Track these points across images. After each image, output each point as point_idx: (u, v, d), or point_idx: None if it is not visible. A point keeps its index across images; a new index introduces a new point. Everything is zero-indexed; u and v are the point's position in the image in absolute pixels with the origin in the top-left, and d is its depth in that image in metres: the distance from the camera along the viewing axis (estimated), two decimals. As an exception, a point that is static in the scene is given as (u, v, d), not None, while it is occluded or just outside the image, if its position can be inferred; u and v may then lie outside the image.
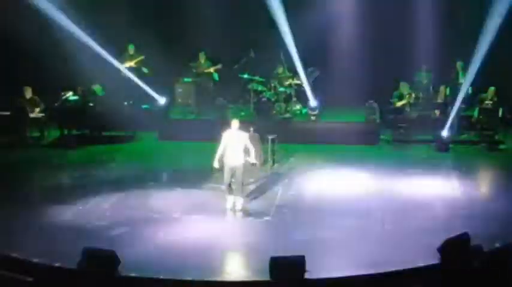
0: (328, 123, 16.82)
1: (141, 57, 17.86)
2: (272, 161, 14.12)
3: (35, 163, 14.19)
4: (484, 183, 13.06)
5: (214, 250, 9.78)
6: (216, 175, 11.99)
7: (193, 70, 17.98)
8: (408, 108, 16.42)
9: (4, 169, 13.69)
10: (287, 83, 17.22)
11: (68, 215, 10.95)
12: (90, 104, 16.69)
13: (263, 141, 13.96)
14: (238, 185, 11.13)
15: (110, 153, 15.25)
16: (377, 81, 16.88)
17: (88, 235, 9.84)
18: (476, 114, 16.29)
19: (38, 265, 8.74)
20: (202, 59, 17.98)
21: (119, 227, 10.35)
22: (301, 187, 12.79)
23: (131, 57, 17.88)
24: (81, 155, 15.01)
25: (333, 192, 12.38)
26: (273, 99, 16.96)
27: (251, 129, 13.79)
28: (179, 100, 17.87)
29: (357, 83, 17.33)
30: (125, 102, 17.50)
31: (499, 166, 14.23)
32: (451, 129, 15.67)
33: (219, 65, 17.86)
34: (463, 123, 16.42)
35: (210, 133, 12.75)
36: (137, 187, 12.65)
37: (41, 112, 16.27)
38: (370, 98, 16.66)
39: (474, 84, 16.46)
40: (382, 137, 16.47)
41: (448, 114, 15.92)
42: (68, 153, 15.18)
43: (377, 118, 16.65)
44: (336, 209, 11.35)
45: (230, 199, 11.20)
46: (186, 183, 12.81)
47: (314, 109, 16.94)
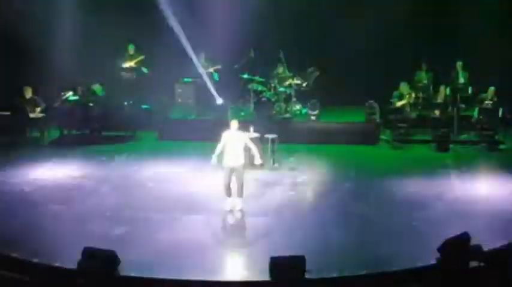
0: (328, 124, 16.81)
1: (141, 57, 17.84)
2: (272, 161, 14.12)
3: (35, 163, 14.17)
4: (484, 183, 13.03)
5: (214, 250, 9.79)
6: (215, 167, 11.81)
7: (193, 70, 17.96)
8: (408, 108, 16.40)
9: (4, 169, 13.68)
10: (287, 83, 17.21)
11: (68, 215, 10.96)
12: (90, 104, 16.68)
13: (263, 141, 13.96)
14: (239, 186, 11.09)
15: (110, 153, 15.23)
16: (377, 81, 16.86)
17: (88, 235, 9.84)
18: (476, 114, 16.28)
19: (38, 265, 8.74)
20: (202, 59, 17.96)
21: (119, 227, 10.36)
22: (301, 187, 12.79)
23: (131, 57, 17.87)
24: (81, 155, 15.00)
25: (333, 192, 12.39)
26: (273, 99, 16.93)
27: (251, 129, 13.81)
28: (179, 100, 17.85)
29: (357, 83, 17.32)
30: (125, 103, 17.49)
31: (499, 166, 14.22)
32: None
33: (218, 65, 17.85)
34: (463, 123, 16.42)
35: (210, 133, 12.73)
36: (137, 187, 12.65)
37: (41, 112, 16.26)
38: (370, 98, 16.66)
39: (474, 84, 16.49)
40: (382, 137, 16.47)
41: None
42: (68, 153, 15.17)
43: (377, 118, 16.64)
44: (336, 209, 11.36)
45: (229, 201, 11.14)
46: (185, 183, 12.82)
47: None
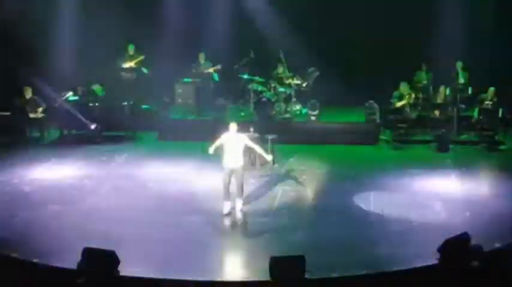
0: (328, 124, 16.81)
1: (141, 57, 17.84)
2: (272, 162, 14.11)
3: (35, 163, 14.17)
4: (484, 183, 13.04)
5: (214, 250, 9.79)
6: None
7: (193, 70, 17.97)
8: (408, 109, 16.40)
9: (4, 169, 13.68)
10: (287, 83, 17.20)
11: (68, 215, 10.96)
12: (90, 104, 16.68)
13: (263, 141, 13.95)
14: (239, 186, 11.05)
15: (110, 153, 15.23)
16: (377, 81, 16.86)
17: (88, 235, 9.84)
18: (476, 114, 16.27)
19: (38, 265, 8.74)
20: (202, 59, 17.97)
21: (118, 227, 10.35)
22: (301, 187, 12.79)
23: (131, 57, 17.87)
24: (81, 155, 15.00)
25: (333, 192, 12.39)
26: (273, 99, 16.94)
27: (251, 129, 13.81)
28: (179, 100, 17.85)
29: (357, 83, 17.32)
30: (125, 103, 17.48)
31: (499, 166, 14.21)
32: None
33: (218, 66, 17.85)
34: (463, 124, 16.42)
35: (210, 133, 12.73)
36: (137, 187, 12.65)
37: (42, 112, 16.26)
38: (370, 98, 16.66)
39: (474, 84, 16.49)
40: (382, 137, 16.47)
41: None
42: (68, 153, 15.16)
43: (377, 118, 16.64)
44: (336, 209, 11.36)
45: (227, 205, 11.00)
46: (185, 183, 12.82)
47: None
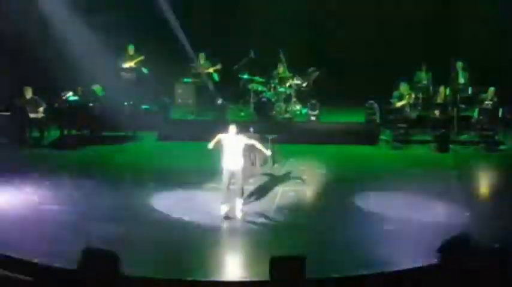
0: (328, 124, 16.80)
1: (141, 58, 17.83)
2: (272, 161, 14.11)
3: (35, 163, 14.16)
4: (484, 183, 13.04)
5: (214, 249, 9.79)
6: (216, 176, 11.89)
7: (193, 71, 17.97)
8: (408, 109, 16.39)
9: (4, 169, 13.67)
10: (287, 83, 17.20)
11: (68, 215, 10.96)
12: (90, 104, 16.68)
13: (263, 141, 13.94)
14: (239, 188, 11.00)
15: (110, 153, 15.22)
16: (377, 81, 16.86)
17: (88, 235, 9.83)
18: (476, 114, 16.27)
19: (38, 265, 8.74)
20: (202, 59, 17.97)
21: (119, 227, 10.35)
22: (301, 187, 12.79)
23: (131, 58, 17.86)
24: (81, 156, 14.99)
25: (333, 192, 12.39)
26: (273, 99, 16.93)
27: (251, 129, 13.80)
28: (179, 100, 17.84)
29: (357, 83, 17.32)
30: (125, 103, 17.47)
31: (499, 166, 14.21)
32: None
33: (218, 66, 17.84)
34: (463, 124, 16.42)
35: (210, 133, 12.71)
36: (137, 187, 12.65)
37: (42, 112, 16.24)
38: (370, 98, 16.66)
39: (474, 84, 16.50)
40: (382, 137, 16.46)
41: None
42: (68, 153, 15.16)
43: (377, 118, 16.64)
44: (335, 209, 11.36)
45: (225, 207, 10.92)
46: (186, 183, 12.81)
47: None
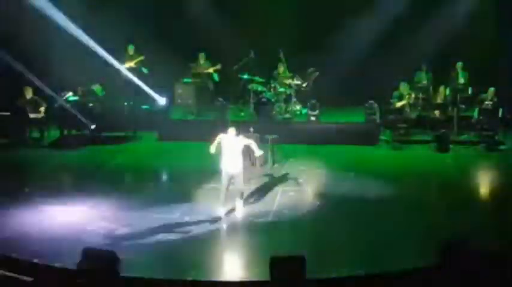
0: (328, 124, 16.80)
1: (141, 58, 17.83)
2: (272, 161, 14.12)
3: (35, 163, 14.17)
4: (484, 183, 13.04)
5: (214, 250, 9.80)
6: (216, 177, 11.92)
7: (192, 71, 17.98)
8: (408, 109, 16.40)
9: (4, 169, 13.68)
10: (287, 83, 17.19)
11: (68, 215, 10.96)
12: (90, 104, 16.68)
13: (263, 141, 13.95)
14: (239, 189, 11.00)
15: (110, 153, 15.23)
16: (377, 81, 16.86)
17: (88, 235, 9.84)
18: (476, 114, 16.27)
19: (38, 265, 8.74)
20: (202, 59, 17.97)
21: (119, 227, 10.36)
22: (301, 187, 12.79)
23: (131, 58, 17.86)
24: (81, 156, 15.00)
25: (333, 192, 12.39)
26: (273, 99, 16.93)
27: (251, 129, 13.80)
28: (179, 101, 17.85)
29: (357, 83, 17.31)
30: (125, 103, 17.49)
31: (499, 166, 14.21)
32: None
33: (218, 66, 17.84)
34: (463, 124, 16.42)
35: (210, 133, 12.72)
36: (137, 187, 12.66)
37: (43, 112, 16.25)
38: (370, 98, 16.66)
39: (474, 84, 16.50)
40: (382, 137, 16.46)
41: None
42: (68, 153, 15.17)
43: (377, 118, 16.64)
44: (336, 209, 11.36)
45: (222, 210, 10.88)
46: (186, 183, 12.82)
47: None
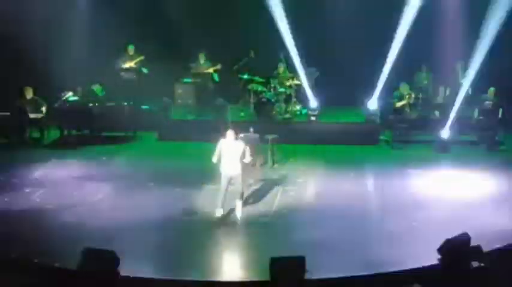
0: (328, 124, 16.81)
1: (141, 58, 17.83)
2: (272, 162, 14.11)
3: (35, 163, 14.16)
4: (484, 183, 13.03)
5: (214, 250, 9.80)
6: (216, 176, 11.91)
7: (192, 71, 17.98)
8: (408, 109, 16.41)
9: (4, 169, 13.68)
10: (287, 83, 17.19)
11: (68, 215, 10.96)
12: (90, 104, 16.67)
13: (263, 141, 13.95)
14: (239, 191, 10.94)
15: (110, 153, 15.23)
16: (377, 81, 16.86)
17: (88, 235, 9.84)
18: (476, 114, 16.27)
19: (38, 265, 8.74)
20: (202, 59, 17.97)
21: (118, 227, 10.36)
22: (301, 187, 12.79)
23: (131, 58, 17.86)
24: (81, 156, 15.00)
25: (333, 192, 12.39)
26: (273, 99, 16.93)
27: (251, 129, 13.80)
28: (179, 100, 17.84)
29: (357, 83, 17.31)
30: (125, 103, 17.47)
31: (499, 166, 14.21)
32: (452, 129, 15.62)
33: (218, 66, 17.84)
34: (462, 124, 16.41)
35: (210, 133, 12.74)
36: (137, 187, 12.65)
37: (43, 112, 16.24)
38: (370, 98, 16.66)
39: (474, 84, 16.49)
40: (382, 137, 16.47)
41: (448, 115, 15.90)
42: (68, 153, 15.16)
43: (377, 118, 16.65)
44: (336, 209, 11.36)
45: (219, 211, 10.76)
46: (186, 183, 12.81)
47: (314, 110, 16.93)
